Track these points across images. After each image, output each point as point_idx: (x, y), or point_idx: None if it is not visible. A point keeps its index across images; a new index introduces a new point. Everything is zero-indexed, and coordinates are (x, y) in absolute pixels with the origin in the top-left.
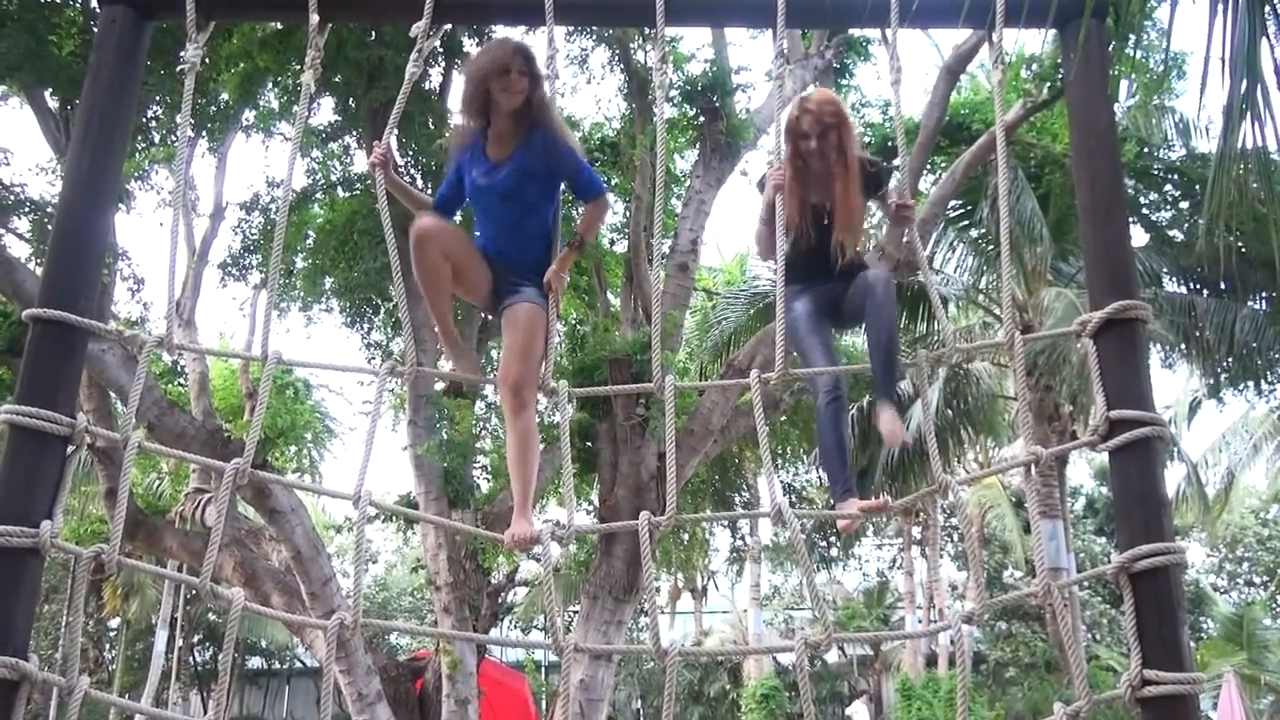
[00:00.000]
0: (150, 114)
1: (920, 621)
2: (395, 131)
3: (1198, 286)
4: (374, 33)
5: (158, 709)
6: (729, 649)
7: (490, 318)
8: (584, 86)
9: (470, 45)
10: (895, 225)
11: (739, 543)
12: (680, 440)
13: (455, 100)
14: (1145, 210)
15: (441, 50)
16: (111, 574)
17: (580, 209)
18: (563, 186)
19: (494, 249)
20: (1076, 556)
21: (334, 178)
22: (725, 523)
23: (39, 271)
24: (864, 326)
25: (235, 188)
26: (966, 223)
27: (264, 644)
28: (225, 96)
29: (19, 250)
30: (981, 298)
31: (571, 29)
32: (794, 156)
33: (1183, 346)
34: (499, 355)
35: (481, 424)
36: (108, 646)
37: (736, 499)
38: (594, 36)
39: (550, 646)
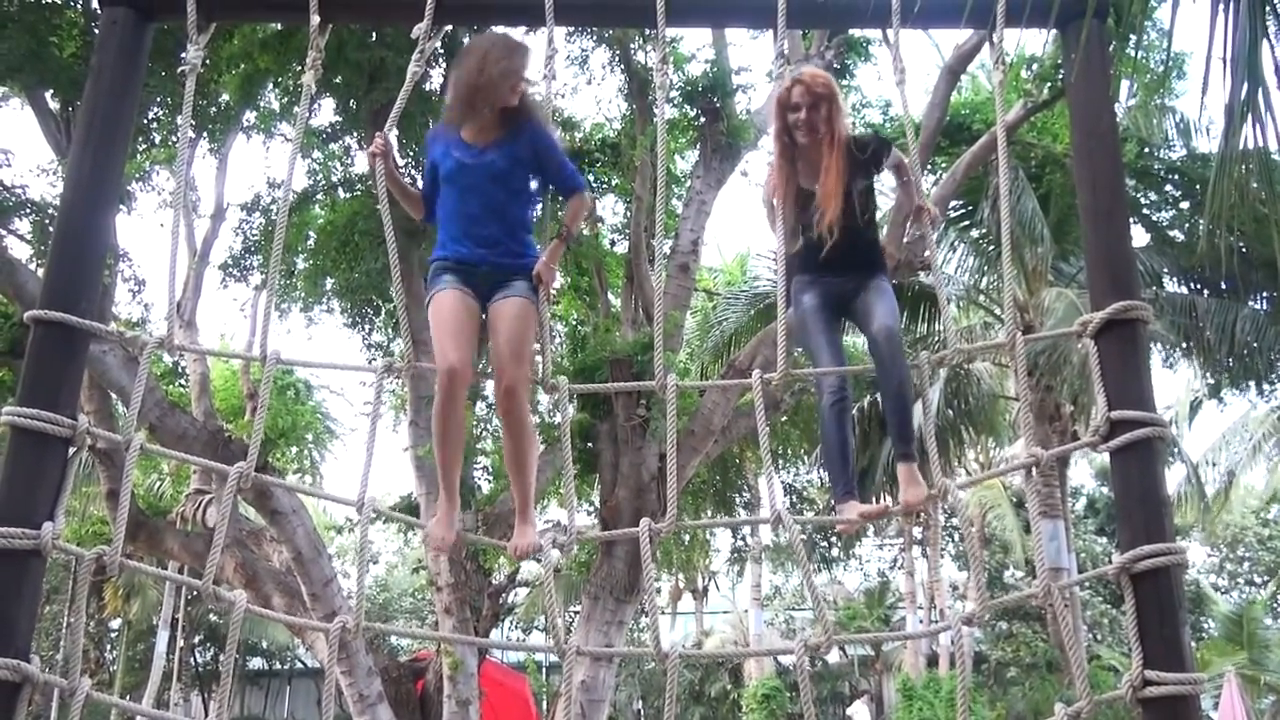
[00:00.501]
0: (151, 115)
1: (921, 622)
2: (396, 130)
3: (1198, 287)
4: (375, 34)
5: (159, 710)
6: (730, 651)
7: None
8: (584, 87)
9: None
10: (914, 222)
11: (740, 543)
12: (681, 441)
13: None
14: (1146, 210)
15: (443, 51)
16: (113, 575)
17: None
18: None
19: (477, 237)
20: (1077, 556)
21: (335, 178)
22: None
23: (40, 273)
24: (876, 377)
25: (236, 188)
26: (967, 223)
27: (265, 645)
28: (226, 97)
29: (20, 252)
30: (982, 298)
31: (572, 29)
32: (782, 132)
33: (1184, 346)
34: None
35: (482, 424)
36: (109, 648)
37: (737, 499)
38: (594, 37)
39: (552, 649)
